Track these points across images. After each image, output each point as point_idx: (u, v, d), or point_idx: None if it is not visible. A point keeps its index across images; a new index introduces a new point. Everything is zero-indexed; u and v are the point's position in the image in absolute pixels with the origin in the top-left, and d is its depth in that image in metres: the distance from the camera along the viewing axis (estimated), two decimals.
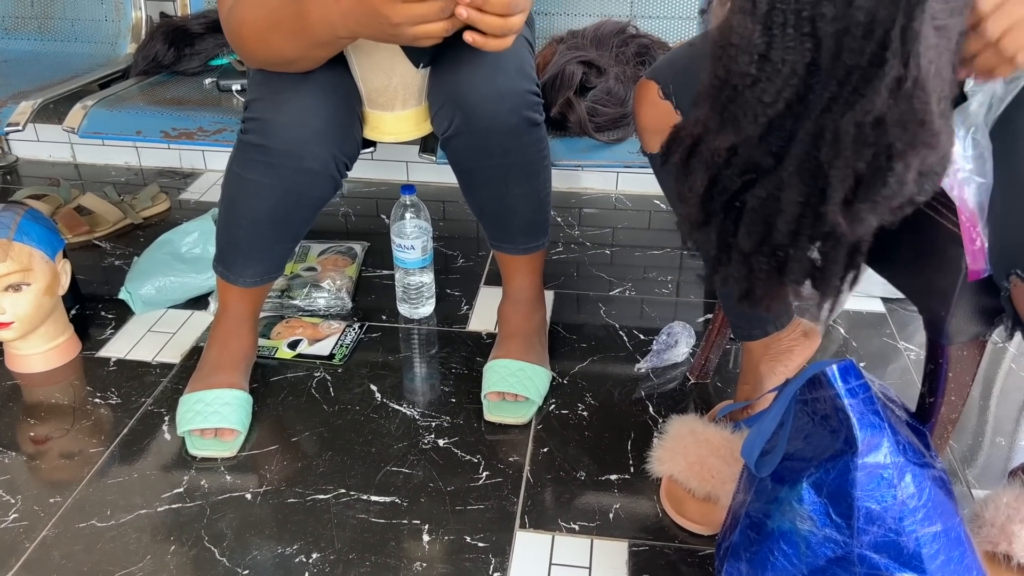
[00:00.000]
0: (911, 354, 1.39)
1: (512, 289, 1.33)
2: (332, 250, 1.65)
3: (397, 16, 0.83)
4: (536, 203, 1.21)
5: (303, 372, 1.34)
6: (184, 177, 2.06)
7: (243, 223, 1.11)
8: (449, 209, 1.91)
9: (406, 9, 0.83)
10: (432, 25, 0.85)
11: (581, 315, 1.50)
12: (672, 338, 1.35)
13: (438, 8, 0.83)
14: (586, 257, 1.71)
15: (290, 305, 1.48)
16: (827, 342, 1.41)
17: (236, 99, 1.40)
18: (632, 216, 1.89)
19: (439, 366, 1.36)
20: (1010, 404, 1.29)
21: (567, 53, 1.33)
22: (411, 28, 0.85)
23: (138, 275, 1.47)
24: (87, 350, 1.39)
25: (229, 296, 1.21)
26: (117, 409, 1.25)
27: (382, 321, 1.48)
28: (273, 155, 1.02)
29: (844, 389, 0.78)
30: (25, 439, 1.20)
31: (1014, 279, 0.72)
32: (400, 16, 0.83)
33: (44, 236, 1.26)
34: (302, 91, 1.02)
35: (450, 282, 1.60)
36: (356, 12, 0.86)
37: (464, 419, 1.24)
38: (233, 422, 1.17)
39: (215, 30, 1.54)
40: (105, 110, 1.33)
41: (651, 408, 1.26)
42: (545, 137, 1.14)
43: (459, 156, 1.13)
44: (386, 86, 1.06)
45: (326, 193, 1.10)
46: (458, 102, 1.06)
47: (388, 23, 0.84)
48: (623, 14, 1.58)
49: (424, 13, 0.83)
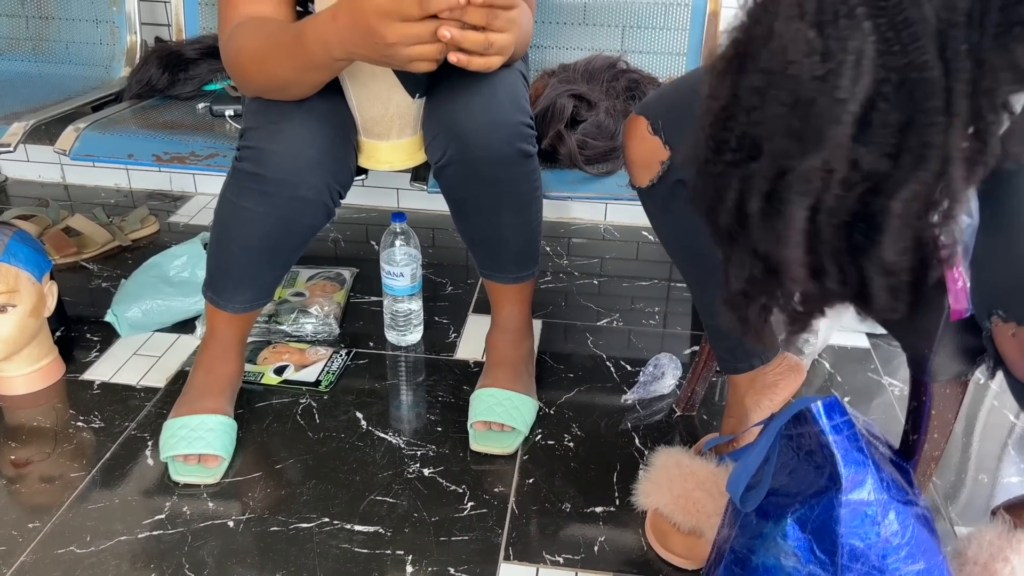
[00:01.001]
0: (895, 389, 1.40)
1: (501, 318, 1.33)
2: (321, 275, 1.65)
3: (392, 35, 0.84)
4: (527, 233, 1.21)
5: (289, 398, 1.33)
6: (174, 200, 2.06)
7: (235, 249, 1.11)
8: (438, 236, 1.91)
9: (401, 28, 0.84)
10: (426, 47, 0.86)
11: (568, 344, 1.51)
12: (659, 370, 1.35)
13: (432, 29, 0.84)
14: (574, 287, 1.72)
15: (277, 330, 1.48)
16: (812, 376, 1.42)
17: (229, 124, 1.41)
18: (620, 247, 1.91)
19: (425, 394, 1.36)
20: (993, 441, 1.30)
21: (558, 86, 1.34)
22: (405, 49, 0.86)
23: (125, 298, 1.47)
24: (71, 372, 1.38)
25: (217, 321, 1.21)
26: (100, 433, 1.24)
27: (369, 348, 1.48)
28: (268, 183, 1.03)
29: (829, 426, 0.79)
30: (5, 462, 1.18)
31: (995, 319, 0.73)
32: (395, 36, 0.84)
33: (32, 257, 1.26)
34: (298, 121, 1.02)
35: (438, 309, 1.60)
36: (352, 32, 0.87)
37: (450, 448, 1.23)
38: (217, 448, 1.16)
39: (209, 56, 1.55)
40: (97, 133, 1.33)
41: (637, 440, 1.26)
42: (538, 168, 1.15)
43: (452, 185, 1.14)
44: (382, 116, 1.07)
45: (319, 221, 1.10)
46: (453, 132, 1.07)
47: (383, 43, 0.85)
48: (614, 48, 1.61)
49: (418, 33, 0.84)
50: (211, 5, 1.65)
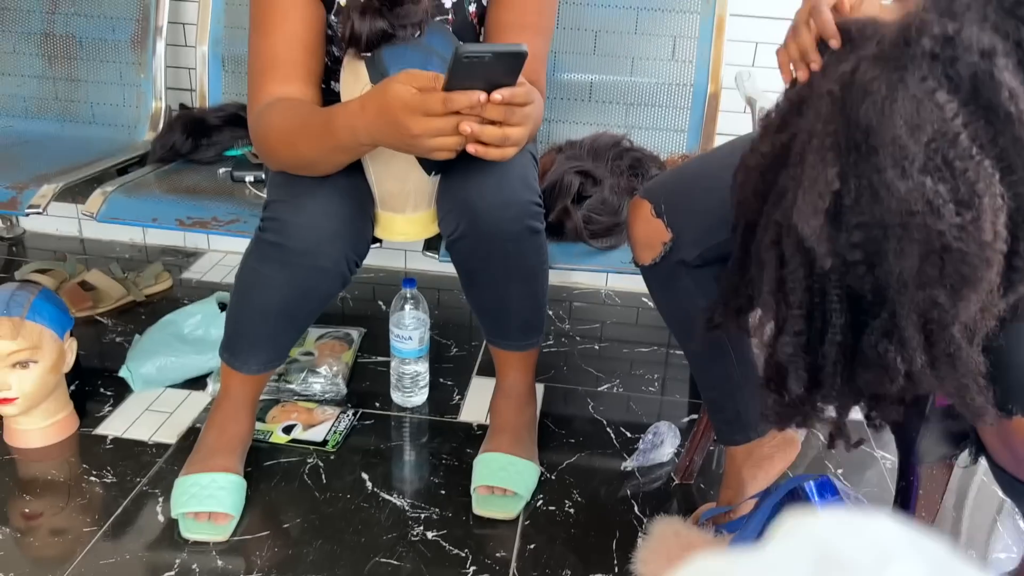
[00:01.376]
0: (887, 462, 1.44)
1: (505, 383, 1.38)
2: (330, 335, 1.69)
3: (417, 128, 0.90)
4: (533, 304, 1.27)
5: (296, 457, 1.37)
6: (187, 256, 2.11)
7: (254, 314, 1.16)
8: (444, 298, 1.96)
9: (426, 122, 0.90)
10: (447, 139, 0.92)
11: (569, 409, 1.55)
12: (658, 438, 1.39)
13: (454, 123, 0.90)
14: (575, 351, 1.76)
15: (286, 389, 1.52)
16: (806, 448, 1.46)
17: (249, 190, 1.47)
18: (620, 312, 1.96)
19: (429, 456, 1.40)
20: (982, 517, 1.33)
21: (565, 163, 1.41)
22: (428, 140, 0.92)
23: (140, 354, 1.51)
24: (85, 426, 1.41)
25: (232, 382, 1.25)
26: (112, 488, 1.27)
27: (375, 408, 1.52)
28: (289, 253, 1.08)
29: (821, 504, 0.83)
30: (19, 515, 1.21)
31: None
32: (420, 128, 0.90)
33: (55, 316, 1.30)
34: (320, 195, 1.08)
35: (443, 371, 1.65)
36: (379, 122, 0.93)
37: (453, 511, 1.26)
38: (227, 506, 1.19)
39: (231, 123, 1.62)
40: (123, 196, 1.39)
41: (636, 507, 1.29)
42: (545, 243, 1.21)
43: (463, 257, 1.20)
44: (399, 191, 1.13)
45: (335, 289, 1.15)
46: (465, 208, 1.13)
47: (408, 134, 0.91)
48: (618, 124, 1.68)
49: (441, 127, 0.90)
50: (234, 73, 1.72)
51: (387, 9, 1.01)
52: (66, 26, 1.75)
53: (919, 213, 0.58)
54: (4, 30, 1.76)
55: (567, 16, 1.65)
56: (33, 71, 1.77)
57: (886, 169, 0.58)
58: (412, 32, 1.03)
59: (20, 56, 1.77)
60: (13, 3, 1.75)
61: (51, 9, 1.74)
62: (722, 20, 1.64)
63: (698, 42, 1.65)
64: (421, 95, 0.88)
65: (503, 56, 0.85)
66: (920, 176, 0.57)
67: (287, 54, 1.10)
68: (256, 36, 1.11)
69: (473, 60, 0.83)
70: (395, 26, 1.02)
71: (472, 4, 1.18)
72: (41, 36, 1.75)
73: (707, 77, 1.65)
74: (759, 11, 1.74)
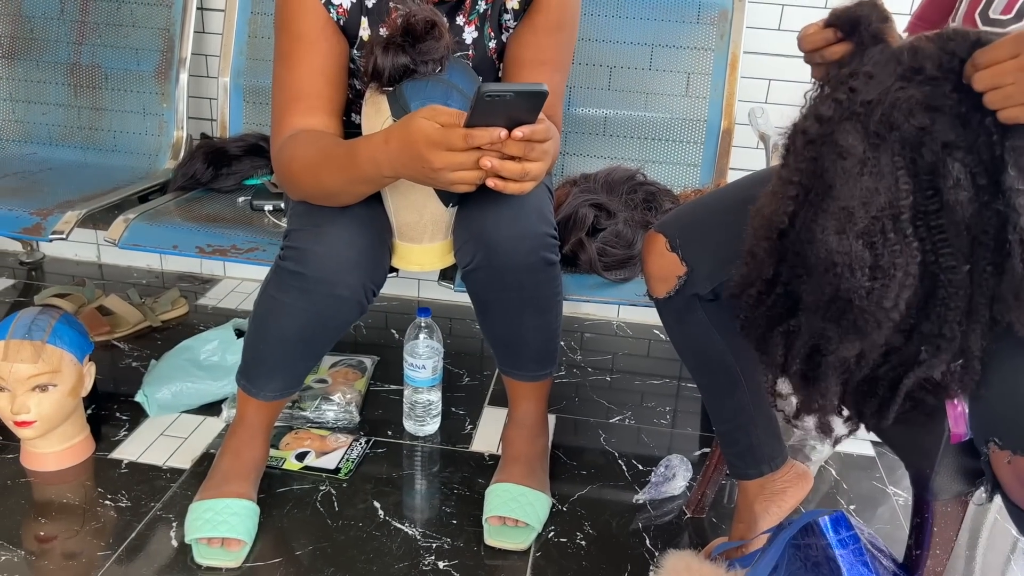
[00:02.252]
0: (899, 499, 1.43)
1: (518, 413, 1.38)
2: (343, 363, 1.70)
3: (439, 163, 0.92)
4: (547, 335, 1.28)
5: (309, 484, 1.37)
6: (203, 283, 2.13)
7: (272, 341, 1.18)
8: (456, 327, 1.98)
9: (448, 157, 0.92)
10: (468, 172, 0.94)
11: (581, 440, 1.55)
12: (670, 471, 1.39)
13: (475, 159, 0.92)
14: (587, 382, 1.77)
15: (300, 416, 1.53)
16: (818, 483, 1.45)
17: (268, 218, 1.49)
18: (632, 344, 1.96)
19: (441, 485, 1.40)
20: (996, 554, 1.32)
21: (580, 196, 1.43)
22: (449, 174, 0.94)
23: (156, 379, 1.53)
24: (100, 450, 1.42)
25: (248, 408, 1.26)
26: (126, 512, 1.28)
27: (388, 436, 1.52)
28: (308, 282, 1.10)
29: (835, 539, 0.83)
30: (33, 538, 1.22)
31: (992, 446, 0.78)
32: (441, 163, 0.92)
33: (76, 340, 1.32)
34: (340, 224, 1.10)
35: (455, 400, 1.65)
36: (402, 156, 0.95)
37: (464, 542, 1.26)
38: (240, 533, 1.20)
39: (251, 153, 1.65)
40: (145, 224, 1.42)
41: (648, 540, 1.29)
42: (559, 275, 1.22)
43: (478, 288, 1.21)
44: (417, 221, 1.15)
45: (352, 317, 1.17)
46: (482, 240, 1.14)
47: (430, 167, 0.93)
48: (633, 158, 1.70)
49: (462, 162, 0.92)
50: (255, 104, 1.76)
51: (410, 45, 1.04)
52: (92, 57, 1.79)
53: (840, 267, 0.67)
54: (33, 60, 1.80)
55: (583, 52, 1.68)
56: (59, 100, 1.81)
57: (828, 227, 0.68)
58: (433, 68, 1.06)
59: (47, 85, 1.81)
60: (42, 33, 1.79)
61: (79, 40, 1.79)
62: (736, 57, 1.67)
63: (712, 78, 1.68)
64: (444, 130, 0.90)
65: (524, 95, 0.87)
66: (855, 240, 0.67)
67: (311, 87, 1.12)
68: (281, 68, 1.14)
69: (495, 99, 0.85)
70: (417, 62, 1.04)
71: (492, 41, 1.21)
72: (68, 66, 1.80)
73: (720, 113, 1.68)
74: (773, 49, 1.77)
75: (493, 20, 1.20)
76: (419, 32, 1.03)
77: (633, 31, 1.68)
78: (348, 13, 1.13)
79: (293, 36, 1.12)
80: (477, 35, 1.19)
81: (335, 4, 1.11)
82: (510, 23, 1.20)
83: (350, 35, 1.15)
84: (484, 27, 1.19)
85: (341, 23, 1.13)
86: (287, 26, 1.12)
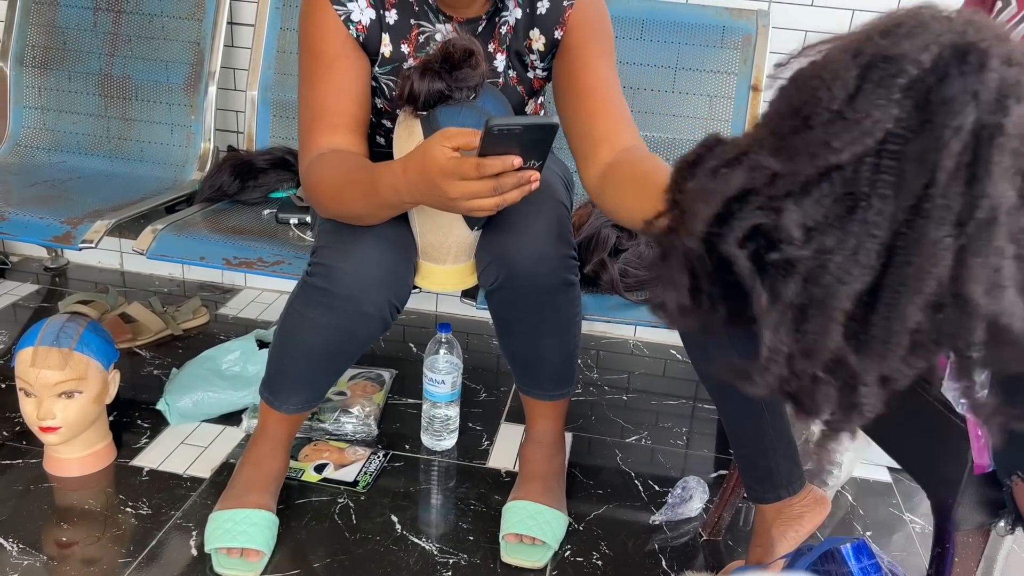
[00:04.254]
0: (916, 526, 1.43)
1: (535, 431, 1.39)
2: (362, 376, 1.72)
3: (454, 192, 0.93)
4: (566, 355, 1.29)
5: (327, 497, 1.38)
6: (224, 292, 2.16)
7: (296, 355, 1.19)
8: (474, 342, 1.99)
9: (462, 187, 0.93)
10: (483, 201, 0.94)
11: (597, 459, 1.55)
12: (687, 492, 1.39)
13: (490, 187, 0.93)
14: (603, 401, 1.77)
15: (319, 428, 1.54)
16: (835, 508, 1.45)
17: (293, 232, 1.51)
18: (648, 363, 1.97)
19: (458, 501, 1.41)
20: None
21: (602, 216, 1.44)
22: (465, 203, 0.95)
23: (178, 388, 1.54)
24: (121, 457, 1.44)
25: (270, 420, 1.28)
26: (147, 520, 1.29)
27: (405, 450, 1.53)
28: (335, 298, 1.11)
29: (857, 567, 0.83)
30: (54, 543, 1.23)
31: (1016, 479, 0.78)
32: (456, 192, 0.93)
33: (102, 348, 1.34)
34: (366, 243, 1.12)
35: (472, 415, 1.66)
36: (419, 184, 0.97)
37: (481, 558, 1.27)
38: (259, 543, 1.21)
39: (278, 166, 1.67)
40: (172, 235, 1.44)
41: (664, 562, 1.29)
42: (579, 296, 1.24)
43: (500, 307, 1.23)
44: (442, 243, 1.16)
45: (376, 333, 1.18)
46: (504, 262, 1.16)
47: (446, 197, 0.95)
48: None
49: (477, 190, 0.93)
50: (282, 118, 1.78)
51: (446, 72, 1.05)
52: (124, 68, 1.82)
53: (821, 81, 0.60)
54: (65, 70, 1.84)
55: None
56: (89, 110, 1.84)
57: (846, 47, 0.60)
58: (468, 95, 1.07)
59: (78, 95, 1.84)
60: (75, 45, 1.83)
61: (111, 52, 1.82)
62: (759, 81, 1.68)
63: (735, 102, 1.69)
64: (457, 161, 0.91)
65: (534, 128, 0.88)
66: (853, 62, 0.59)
67: (334, 104, 1.14)
68: (305, 88, 1.16)
69: (503, 132, 0.87)
70: (452, 88, 1.06)
71: (512, 71, 1.22)
72: (99, 77, 1.83)
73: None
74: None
75: (513, 50, 1.21)
76: (456, 59, 1.05)
77: (657, 54, 1.70)
78: (367, 30, 1.15)
79: (314, 55, 1.14)
80: (507, 63, 1.21)
81: (354, 21, 1.13)
82: (536, 63, 1.22)
83: (371, 52, 1.17)
84: (511, 55, 1.21)
85: (361, 40, 1.15)
86: (308, 45, 1.15)
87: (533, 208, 1.18)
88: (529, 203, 1.19)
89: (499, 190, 0.92)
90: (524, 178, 0.92)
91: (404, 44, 1.17)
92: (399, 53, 1.17)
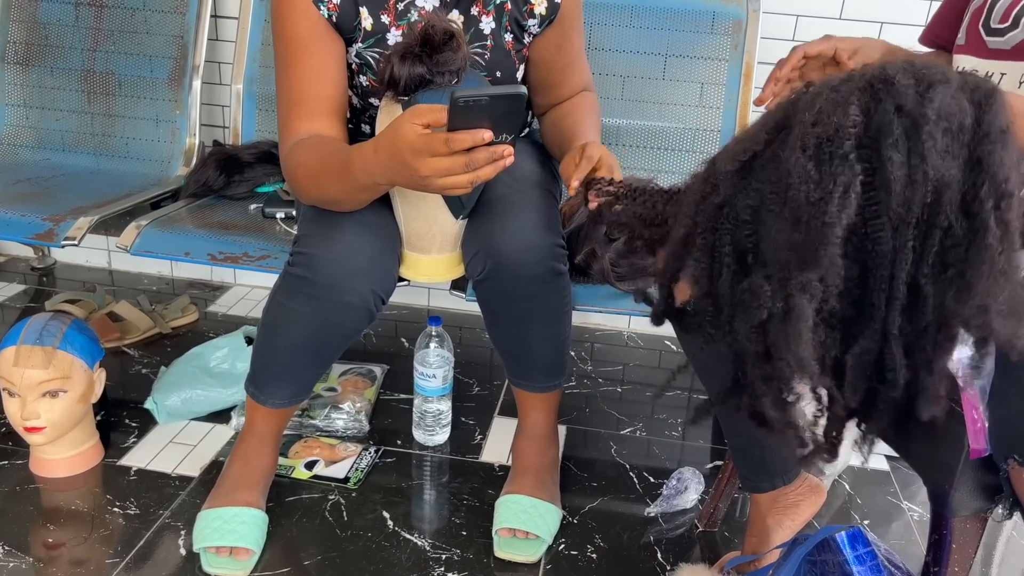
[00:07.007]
0: (914, 514, 1.41)
1: (528, 424, 1.37)
2: (353, 371, 1.70)
3: (425, 169, 0.92)
4: (556, 345, 1.27)
5: (318, 494, 1.36)
6: (213, 290, 2.13)
7: (280, 348, 1.17)
8: (466, 336, 1.97)
9: (433, 164, 0.91)
10: (456, 178, 0.92)
11: (591, 452, 1.54)
12: (682, 484, 1.38)
13: (462, 163, 0.91)
14: (597, 393, 1.76)
15: (309, 424, 1.52)
16: (831, 497, 1.44)
17: (280, 226, 1.49)
18: (643, 355, 1.95)
19: (450, 496, 1.39)
20: (1011, 571, 1.30)
21: None
22: (438, 180, 0.93)
23: (166, 386, 1.52)
24: (109, 457, 1.42)
25: (257, 415, 1.26)
26: (135, 520, 1.28)
27: (397, 446, 1.51)
28: (317, 288, 1.10)
29: (852, 556, 0.82)
30: (41, 544, 1.21)
31: (1012, 463, 0.77)
32: (428, 169, 0.92)
33: (86, 346, 1.32)
34: (349, 231, 1.10)
35: (465, 410, 1.64)
36: (391, 164, 0.95)
37: (474, 553, 1.25)
38: (248, 542, 1.19)
39: (264, 160, 1.65)
40: (157, 230, 1.42)
41: (659, 554, 1.28)
42: (568, 285, 1.22)
43: (488, 298, 1.21)
44: (426, 232, 1.15)
45: (361, 324, 1.16)
46: (491, 251, 1.14)
47: (418, 175, 0.93)
48: (645, 167, 1.70)
49: (448, 167, 0.91)
50: (267, 111, 1.76)
51: (427, 56, 1.03)
52: (106, 63, 1.80)
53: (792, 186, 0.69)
54: (47, 66, 1.81)
55: (596, 61, 1.68)
56: (72, 106, 1.82)
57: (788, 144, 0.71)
58: (450, 79, 1.05)
59: (61, 91, 1.81)
60: (57, 40, 1.80)
61: (92, 47, 1.79)
62: (750, 67, 1.66)
63: (726, 88, 1.67)
64: (426, 137, 0.89)
65: (501, 98, 0.86)
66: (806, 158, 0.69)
67: (311, 89, 1.12)
68: (280, 75, 1.14)
69: (470, 103, 0.85)
70: (434, 72, 1.04)
71: (509, 35, 1.20)
72: (82, 72, 1.80)
73: (734, 123, 1.67)
74: None
75: (512, 17, 1.19)
76: (437, 43, 1.03)
77: (646, 41, 1.68)
78: (339, 8, 1.13)
79: (286, 41, 1.12)
80: (495, 26, 1.19)
81: (324, 1, 1.12)
82: (534, 28, 1.20)
83: (347, 30, 1.15)
84: (502, 19, 1.19)
85: (333, 19, 1.13)
86: (280, 32, 1.13)
87: (520, 197, 1.17)
88: (515, 192, 1.17)
89: (471, 166, 0.91)
90: (497, 153, 0.90)
91: (384, 15, 1.15)
92: (380, 24, 1.15)
